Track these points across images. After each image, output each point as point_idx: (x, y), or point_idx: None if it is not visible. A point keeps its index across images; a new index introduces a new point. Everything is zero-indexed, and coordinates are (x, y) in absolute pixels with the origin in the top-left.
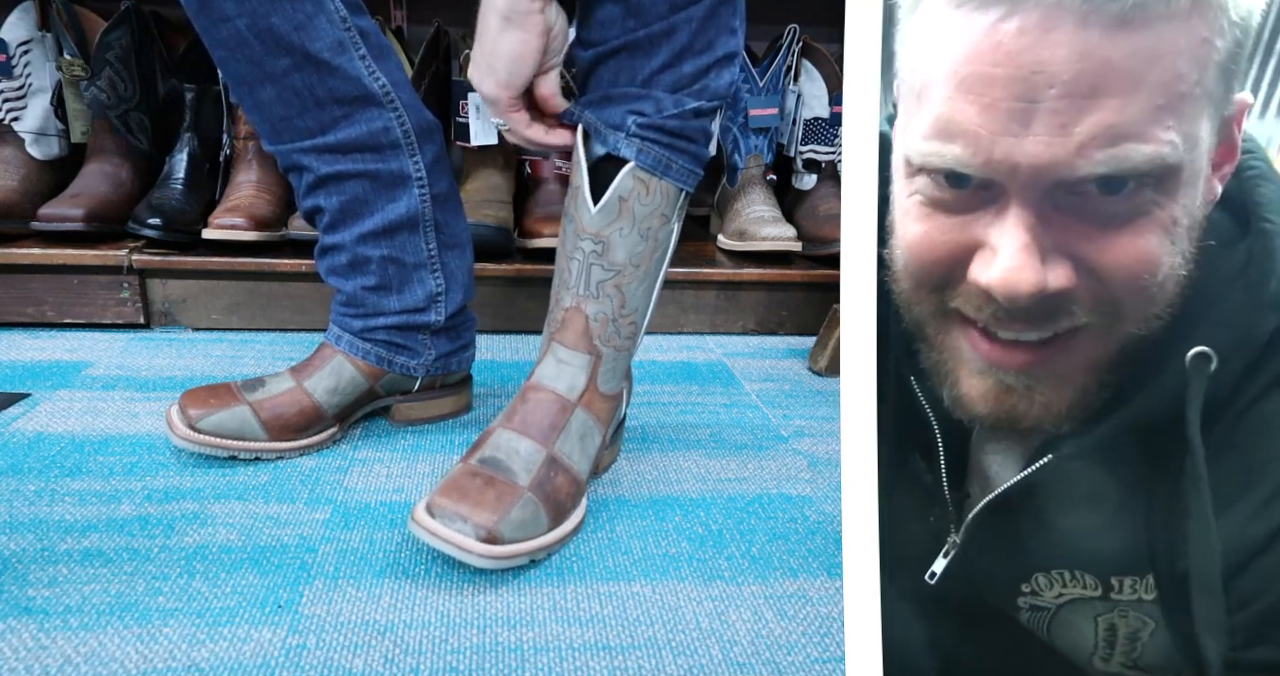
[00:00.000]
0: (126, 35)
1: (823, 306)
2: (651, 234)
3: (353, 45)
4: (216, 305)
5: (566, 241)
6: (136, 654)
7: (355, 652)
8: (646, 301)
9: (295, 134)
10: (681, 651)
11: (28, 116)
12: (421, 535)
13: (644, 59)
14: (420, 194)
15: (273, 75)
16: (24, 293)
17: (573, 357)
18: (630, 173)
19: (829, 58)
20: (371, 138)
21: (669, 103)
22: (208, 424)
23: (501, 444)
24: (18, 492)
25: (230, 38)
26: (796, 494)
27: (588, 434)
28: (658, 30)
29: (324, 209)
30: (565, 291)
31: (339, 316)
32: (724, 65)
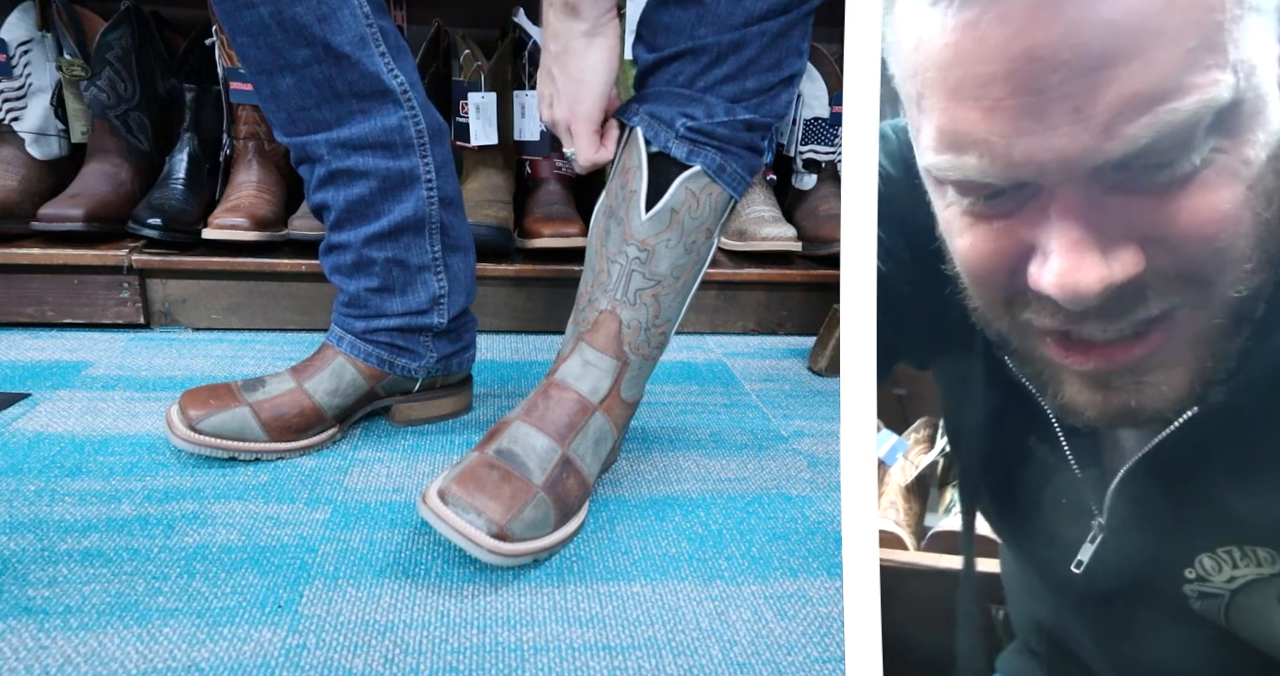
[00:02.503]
0: (126, 35)
1: (823, 306)
2: (696, 248)
3: (374, 41)
4: (216, 305)
5: (609, 243)
6: (136, 654)
7: (355, 652)
8: (678, 313)
9: (311, 125)
10: (681, 651)
11: (28, 116)
12: (431, 520)
13: (709, 66)
14: (428, 196)
15: (293, 65)
16: (24, 293)
17: (600, 360)
18: (683, 185)
19: (829, 58)
20: (386, 135)
21: (721, 110)
22: (208, 425)
23: (519, 437)
24: (18, 492)
25: (253, 24)
26: (796, 494)
27: (603, 438)
28: (728, 41)
29: (330, 206)
30: (602, 293)
31: (341, 317)
32: (786, 86)
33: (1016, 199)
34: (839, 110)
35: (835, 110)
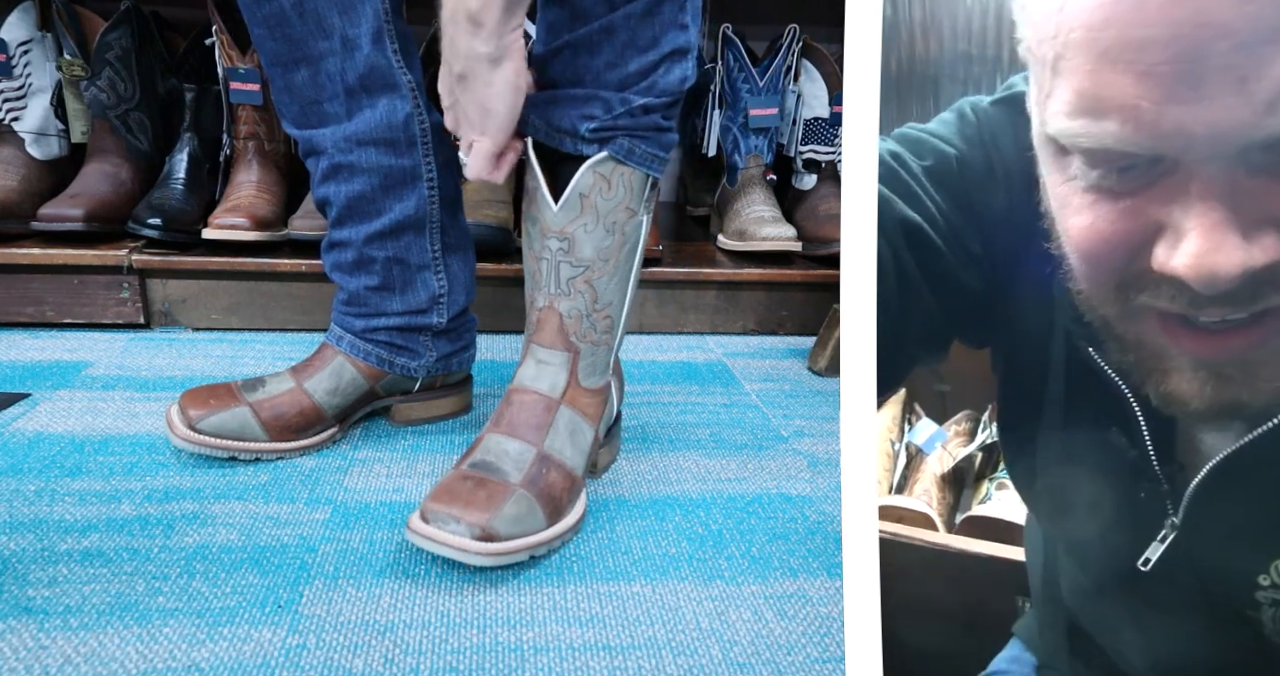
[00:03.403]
0: (126, 35)
1: (823, 306)
2: (618, 228)
3: (389, 38)
4: (216, 305)
5: (533, 243)
6: (136, 654)
7: (355, 652)
8: (622, 294)
9: (322, 118)
10: (681, 651)
11: (28, 116)
12: (419, 542)
13: (588, 56)
14: (430, 195)
15: (309, 57)
16: (24, 293)
17: (551, 356)
18: (590, 169)
19: (829, 58)
20: (391, 130)
21: (616, 101)
22: (208, 424)
23: (491, 447)
24: (18, 492)
25: (272, 15)
26: (796, 494)
27: (577, 429)
28: (597, 28)
29: (332, 201)
30: (537, 292)
31: (341, 316)
32: (673, 61)
33: (1150, 175)
34: (839, 110)
35: (835, 110)
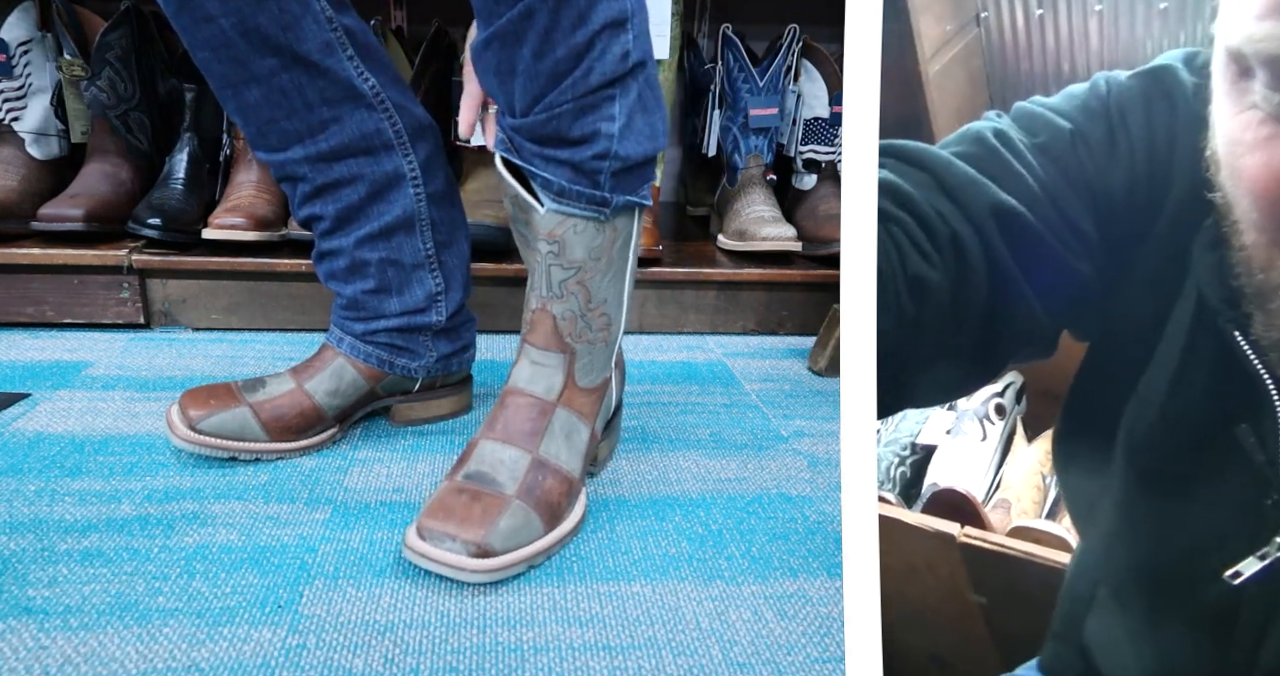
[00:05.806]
0: (126, 35)
1: (823, 306)
2: (609, 223)
3: (340, 46)
4: (216, 305)
5: (528, 249)
6: (136, 654)
7: (355, 652)
8: (618, 289)
9: (284, 138)
10: (681, 651)
11: (28, 116)
12: (416, 559)
13: (515, 47)
14: (415, 193)
15: (259, 76)
16: (24, 293)
17: (545, 357)
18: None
19: (829, 58)
20: (364, 140)
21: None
22: (208, 425)
23: (486, 455)
24: (18, 492)
25: (214, 38)
26: (796, 494)
27: (573, 431)
28: (517, 15)
29: (322, 216)
30: (532, 294)
31: (340, 319)
32: (609, 35)
33: None
34: (839, 110)
35: (835, 110)
